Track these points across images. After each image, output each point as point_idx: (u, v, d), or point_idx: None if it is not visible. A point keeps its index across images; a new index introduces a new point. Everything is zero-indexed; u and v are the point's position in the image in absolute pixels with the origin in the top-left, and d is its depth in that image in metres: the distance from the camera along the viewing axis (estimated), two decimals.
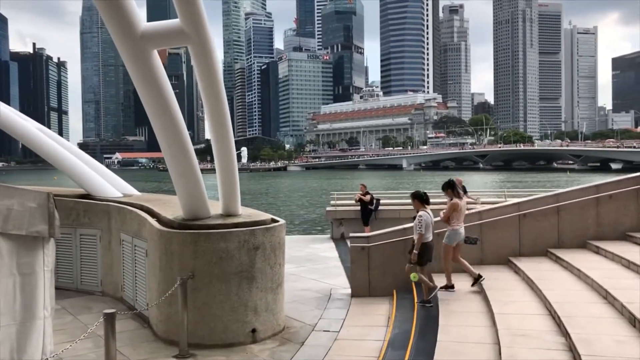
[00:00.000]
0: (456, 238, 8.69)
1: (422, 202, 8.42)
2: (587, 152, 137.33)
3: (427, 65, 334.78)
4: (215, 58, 6.68)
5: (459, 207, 8.58)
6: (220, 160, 7.61)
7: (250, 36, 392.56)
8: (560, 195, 9.72)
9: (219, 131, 7.27)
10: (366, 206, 16.16)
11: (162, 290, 7.57)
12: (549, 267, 8.90)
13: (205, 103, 7.09)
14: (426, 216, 8.18)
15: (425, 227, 8.12)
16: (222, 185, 7.90)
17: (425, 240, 8.20)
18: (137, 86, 6.48)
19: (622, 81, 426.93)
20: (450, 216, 8.60)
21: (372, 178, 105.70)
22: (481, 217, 9.86)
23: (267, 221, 7.99)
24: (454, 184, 8.89)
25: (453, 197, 8.73)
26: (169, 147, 7.08)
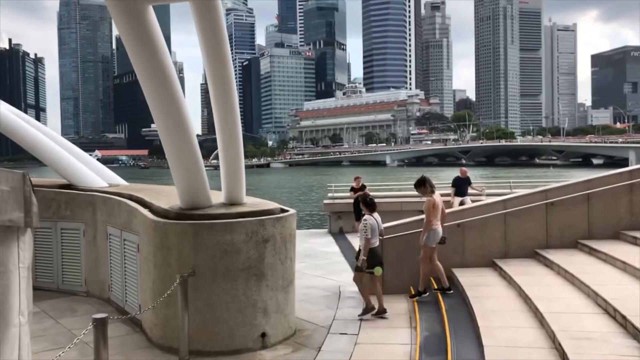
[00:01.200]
0: (436, 238, 8.19)
1: (367, 207, 8.01)
2: (569, 147, 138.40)
3: (410, 61, 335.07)
4: (221, 15, 5.74)
5: (436, 204, 8.06)
6: (223, 136, 6.67)
7: (232, 32, 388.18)
8: (592, 182, 8.95)
9: (224, 101, 6.34)
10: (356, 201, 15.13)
11: (157, 290, 6.61)
12: (584, 259, 8.11)
13: (208, 71, 6.14)
14: (371, 220, 7.81)
15: (372, 232, 7.72)
16: (225, 169, 6.96)
17: (372, 245, 7.75)
18: (130, 49, 5.49)
19: (601, 78, 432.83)
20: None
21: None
22: (505, 206, 9.05)
23: (276, 210, 7.07)
24: (426, 180, 8.31)
25: (426, 194, 8.19)
26: (165, 122, 6.11)
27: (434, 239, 8.19)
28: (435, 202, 8.08)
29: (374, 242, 7.79)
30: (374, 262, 7.73)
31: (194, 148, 6.45)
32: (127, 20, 5.32)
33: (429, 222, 8.05)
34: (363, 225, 7.70)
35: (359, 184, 15.51)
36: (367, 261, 7.61)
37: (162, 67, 5.64)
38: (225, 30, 5.96)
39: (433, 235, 8.15)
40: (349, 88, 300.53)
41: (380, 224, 8.00)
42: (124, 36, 5.40)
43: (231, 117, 6.50)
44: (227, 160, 6.85)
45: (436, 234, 8.16)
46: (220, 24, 5.78)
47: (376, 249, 7.85)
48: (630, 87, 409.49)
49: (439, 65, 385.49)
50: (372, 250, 7.76)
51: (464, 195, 15.45)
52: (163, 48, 5.56)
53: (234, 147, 6.74)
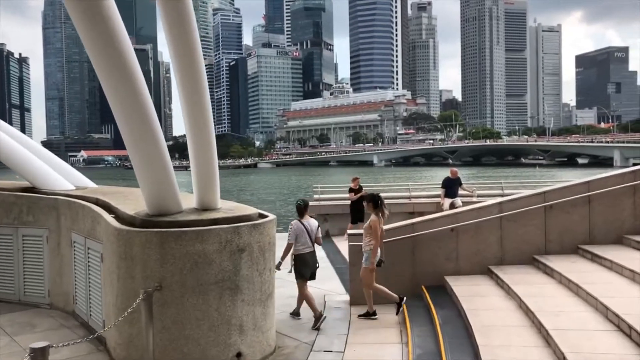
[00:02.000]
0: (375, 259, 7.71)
1: (299, 211, 7.89)
2: (555, 147, 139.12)
3: (396, 62, 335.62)
4: (190, 5, 5.08)
5: (380, 225, 7.61)
6: (194, 136, 5.99)
7: (219, 32, 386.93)
8: (592, 183, 8.39)
9: (194, 98, 5.66)
10: (358, 202, 14.49)
11: (120, 305, 5.92)
12: (587, 267, 7.55)
13: (175, 66, 5.47)
14: (297, 224, 7.72)
15: (296, 237, 7.63)
16: (196, 171, 6.28)
17: (297, 252, 7.68)
18: (83, 34, 4.79)
19: (585, 78, 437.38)
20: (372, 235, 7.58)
21: (343, 174, 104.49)
22: (501, 209, 8.46)
23: (253, 216, 6.40)
24: (381, 200, 7.71)
25: (374, 213, 7.67)
26: (127, 119, 5.41)
27: (371, 260, 7.68)
28: (378, 223, 7.55)
29: (299, 249, 7.65)
30: (301, 270, 7.68)
31: (161, 147, 5.76)
32: (82, 9, 4.63)
33: (376, 244, 7.53)
34: (289, 228, 7.70)
35: (357, 185, 14.78)
36: (295, 268, 7.61)
37: (122, 60, 4.95)
38: (193, 20, 5.29)
39: (371, 257, 7.62)
40: (336, 88, 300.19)
41: (314, 230, 7.79)
42: (78, 25, 4.71)
43: (202, 114, 5.82)
44: (199, 161, 6.18)
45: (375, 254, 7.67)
46: (187, 10, 5.12)
47: (305, 255, 7.68)
48: (613, 88, 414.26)
49: (425, 65, 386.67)
50: (300, 257, 7.66)
51: (454, 196, 14.91)
52: (121, 32, 4.87)
53: (206, 148, 6.07)
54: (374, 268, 7.56)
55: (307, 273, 7.84)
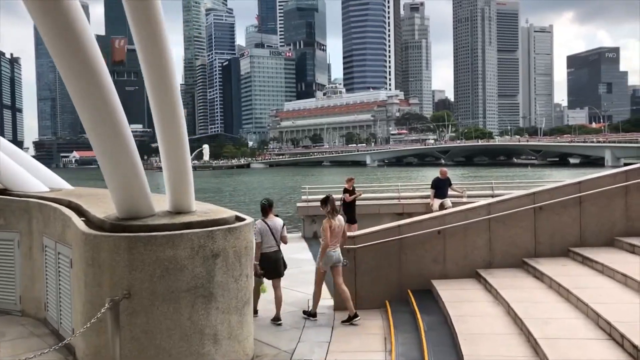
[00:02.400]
0: (327, 261, 7.72)
1: (263, 210, 8.02)
2: (546, 147, 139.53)
3: (389, 62, 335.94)
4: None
5: (332, 227, 7.66)
6: (164, 134, 5.69)
7: (212, 32, 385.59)
8: (584, 184, 8.15)
9: (162, 92, 5.36)
10: (350, 204, 14.17)
11: (87, 313, 5.61)
12: (578, 270, 7.30)
13: (141, 56, 5.17)
14: (261, 224, 7.81)
15: (261, 236, 7.73)
16: (169, 172, 5.97)
17: (264, 250, 7.77)
18: (41, 27, 4.48)
19: (577, 78, 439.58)
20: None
21: (336, 175, 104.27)
22: (490, 211, 8.21)
23: (229, 220, 6.09)
24: (329, 200, 7.85)
25: (326, 214, 7.83)
26: (91, 115, 5.10)
27: (325, 262, 7.70)
28: (331, 224, 7.62)
29: (264, 248, 7.76)
30: (267, 267, 7.77)
31: (129, 145, 5.45)
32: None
33: (324, 245, 7.65)
34: (254, 228, 7.50)
35: (351, 186, 14.38)
36: (258, 266, 7.59)
37: (82, 49, 4.64)
38: (159, 9, 4.99)
39: (325, 259, 7.67)
40: (329, 88, 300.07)
41: (278, 230, 7.87)
42: (36, 20, 4.39)
43: (172, 110, 5.51)
44: (171, 161, 5.87)
45: (327, 256, 7.67)
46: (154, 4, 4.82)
47: (273, 254, 7.81)
48: (605, 88, 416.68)
49: (418, 66, 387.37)
50: (266, 256, 7.76)
51: (444, 197, 14.67)
52: (82, 30, 4.55)
53: (178, 146, 5.76)
54: (321, 269, 7.71)
55: (275, 272, 7.91)
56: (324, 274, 7.83)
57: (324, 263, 7.71)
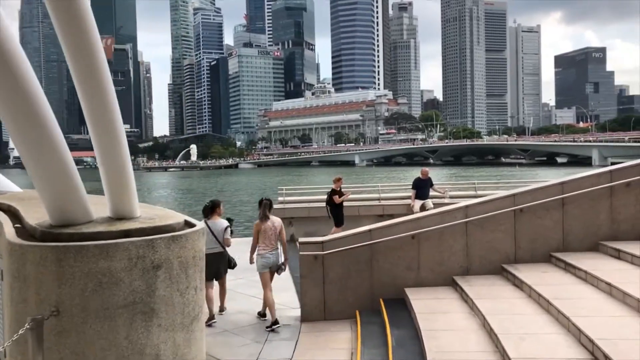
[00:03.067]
0: (262, 264, 7.73)
1: (204, 212, 8.10)
2: (534, 146, 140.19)
3: (378, 62, 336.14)
4: None
5: (261, 230, 7.78)
6: (97, 130, 5.10)
7: (199, 32, 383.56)
8: (567, 184, 7.65)
9: (92, 81, 4.76)
10: (338, 206, 13.59)
11: (14, 333, 4.98)
12: (560, 278, 6.80)
13: (64, 46, 4.58)
14: (201, 224, 7.32)
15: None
16: (106, 173, 5.37)
17: (206, 251, 7.25)
18: None
19: (564, 78, 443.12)
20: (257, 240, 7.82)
21: (325, 174, 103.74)
22: (467, 214, 7.69)
23: (175, 226, 5.50)
24: (261, 203, 7.98)
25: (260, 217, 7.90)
26: (9, 110, 4.50)
27: (259, 264, 7.73)
28: (260, 227, 7.75)
29: (208, 248, 7.28)
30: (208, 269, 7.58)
31: (59, 143, 4.85)
32: None
33: (252, 247, 7.88)
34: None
35: (339, 186, 13.62)
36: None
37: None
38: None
39: (258, 262, 7.74)
40: (318, 88, 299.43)
41: (220, 232, 7.88)
42: None
43: (101, 96, 4.91)
44: (107, 161, 5.27)
45: (260, 260, 7.72)
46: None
47: (212, 255, 7.63)
48: (592, 87, 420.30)
49: (406, 65, 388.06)
50: (206, 256, 7.34)
51: (425, 197, 14.18)
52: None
53: (114, 141, 5.16)
54: (262, 272, 7.69)
55: (209, 274, 7.58)
56: (267, 276, 7.73)
57: (261, 266, 7.69)
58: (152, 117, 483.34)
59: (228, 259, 8.19)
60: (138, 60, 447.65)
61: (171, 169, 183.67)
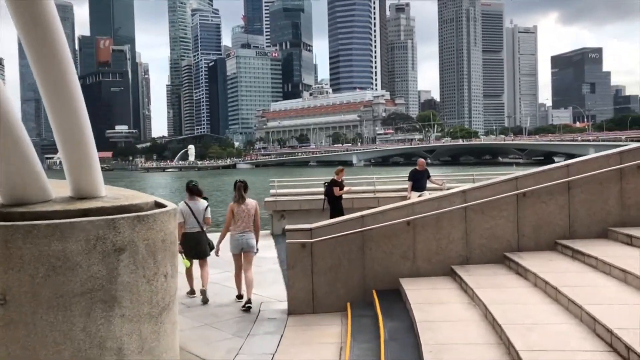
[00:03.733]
0: (233, 245, 7.86)
1: (189, 192, 8.28)
2: (531, 145, 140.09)
3: (375, 63, 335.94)
4: None
5: (234, 211, 7.84)
6: (52, 99, 4.54)
7: (197, 33, 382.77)
8: (573, 167, 7.12)
9: (38, 39, 4.21)
10: (338, 198, 13.09)
11: None
12: (568, 266, 6.26)
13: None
14: (182, 205, 8.07)
15: (183, 217, 7.96)
16: (64, 149, 4.82)
17: (186, 230, 8.04)
18: None
19: (561, 79, 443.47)
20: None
21: (323, 174, 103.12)
22: (466, 199, 7.15)
23: (143, 206, 4.95)
24: (235, 186, 7.98)
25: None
26: None
27: (232, 245, 7.86)
28: (231, 208, 7.84)
29: (188, 228, 8.02)
30: (188, 247, 8.04)
31: (9, 113, 4.30)
32: None
33: (224, 228, 8.05)
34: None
35: (341, 177, 12.98)
36: (180, 245, 7.68)
37: None
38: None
39: (230, 242, 7.87)
40: (316, 89, 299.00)
41: (200, 211, 8.10)
42: None
43: (55, 59, 4.37)
44: (64, 132, 4.71)
45: (232, 240, 7.83)
46: None
47: (192, 234, 8.03)
48: (588, 88, 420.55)
49: (404, 66, 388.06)
50: (186, 236, 7.99)
51: (422, 189, 13.63)
52: None
53: (71, 111, 4.61)
54: (234, 253, 7.86)
55: (191, 252, 8.10)
56: (238, 258, 7.87)
57: (232, 246, 7.82)
58: (150, 118, 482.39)
59: (208, 241, 8.30)
60: (136, 62, 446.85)
61: (169, 170, 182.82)
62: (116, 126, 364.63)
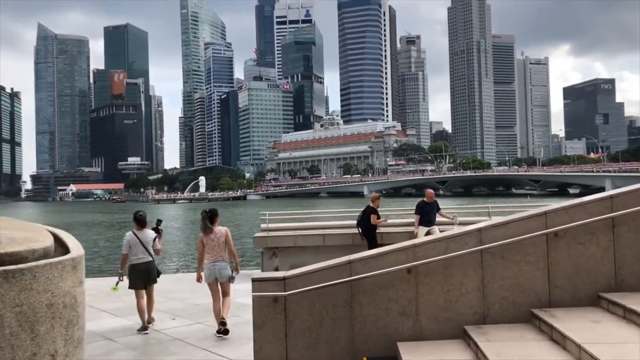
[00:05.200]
0: (207, 274, 7.90)
1: (136, 223, 8.37)
2: (546, 176, 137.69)
3: (386, 94, 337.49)
4: None
5: (204, 242, 7.94)
6: None
7: (210, 66, 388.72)
8: (617, 199, 5.59)
9: None
10: (374, 227, 11.81)
11: None
12: (622, 332, 4.68)
13: None
14: (130, 236, 8.20)
15: (129, 247, 8.12)
16: None
17: (133, 262, 8.12)
18: None
19: (573, 110, 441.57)
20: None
21: (333, 205, 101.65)
22: (481, 240, 5.63)
23: (24, 255, 3.51)
24: (202, 216, 8.07)
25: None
26: None
27: (206, 275, 7.90)
28: (201, 239, 7.94)
29: (132, 259, 8.08)
30: (134, 280, 8.09)
31: None
32: None
33: (199, 259, 8.09)
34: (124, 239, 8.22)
35: (378, 205, 12.04)
36: (124, 276, 8.13)
37: None
38: None
39: (205, 272, 7.91)
40: (327, 120, 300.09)
41: (149, 242, 8.16)
42: None
43: None
44: None
45: (206, 270, 7.88)
46: None
47: (142, 265, 8.07)
48: (601, 119, 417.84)
49: (415, 97, 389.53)
50: (133, 267, 8.09)
51: (430, 224, 12.12)
52: None
53: None
54: (209, 282, 7.86)
55: (139, 283, 8.09)
56: (214, 287, 7.85)
57: (205, 276, 7.84)
58: (163, 150, 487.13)
59: (156, 269, 8.40)
60: (150, 94, 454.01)
61: (179, 201, 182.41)
62: (129, 158, 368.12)
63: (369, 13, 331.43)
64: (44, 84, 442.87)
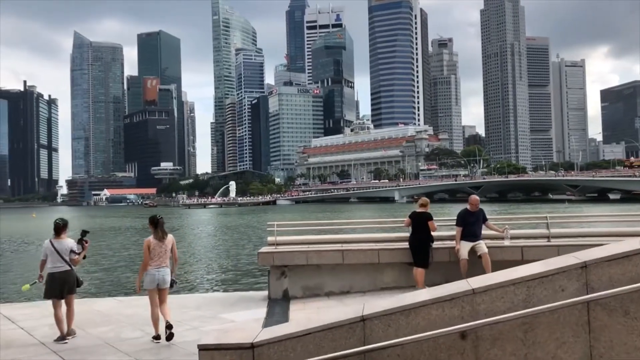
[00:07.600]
0: (149, 280, 7.67)
1: (54, 230, 8.04)
2: (584, 182, 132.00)
3: (418, 98, 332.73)
4: None
5: (150, 246, 7.73)
6: None
7: (241, 71, 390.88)
8: None
9: None
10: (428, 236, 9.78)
11: None
12: None
13: None
14: (46, 244, 7.96)
15: (47, 255, 7.87)
16: None
17: (50, 270, 7.83)
18: None
19: (611, 113, 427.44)
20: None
21: (363, 211, 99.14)
22: (588, 284, 3.30)
23: None
24: (151, 219, 7.87)
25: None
26: None
27: (148, 280, 7.68)
28: (149, 243, 7.74)
29: (49, 268, 7.81)
30: (50, 289, 7.80)
31: None
32: None
33: (143, 265, 7.82)
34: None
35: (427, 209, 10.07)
36: (43, 278, 7.87)
37: None
38: None
39: (147, 277, 7.71)
40: (357, 124, 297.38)
41: (65, 251, 7.84)
42: None
43: None
44: None
45: (147, 276, 7.69)
46: None
47: (58, 274, 7.79)
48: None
49: (447, 101, 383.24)
50: (51, 276, 7.78)
51: (475, 238, 9.72)
52: None
53: None
54: (149, 289, 7.70)
55: (56, 292, 7.82)
56: (154, 294, 7.70)
57: (148, 282, 7.69)
58: (195, 155, 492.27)
59: (76, 278, 8.04)
60: (182, 100, 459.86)
61: (210, 206, 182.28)
62: (162, 163, 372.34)
63: (400, 16, 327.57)
64: (80, 91, 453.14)
